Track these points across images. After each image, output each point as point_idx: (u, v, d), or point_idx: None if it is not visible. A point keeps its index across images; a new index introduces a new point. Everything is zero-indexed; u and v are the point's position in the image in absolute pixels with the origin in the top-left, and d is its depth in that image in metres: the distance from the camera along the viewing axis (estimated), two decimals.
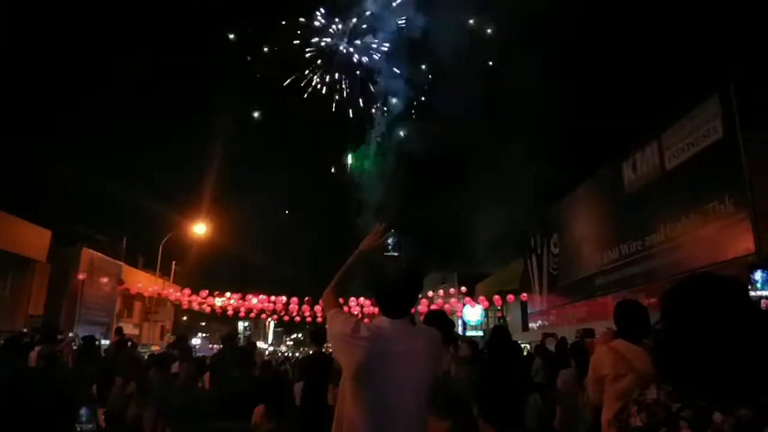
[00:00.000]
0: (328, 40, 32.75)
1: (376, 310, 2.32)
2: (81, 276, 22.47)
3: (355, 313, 22.72)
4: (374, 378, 2.04)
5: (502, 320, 23.24)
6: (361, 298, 22.98)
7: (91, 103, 28.84)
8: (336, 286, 2.43)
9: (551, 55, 23.77)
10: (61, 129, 26.68)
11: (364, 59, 33.33)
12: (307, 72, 33.14)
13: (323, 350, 6.41)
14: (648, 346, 3.21)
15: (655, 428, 1.29)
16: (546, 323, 20.48)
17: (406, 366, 2.08)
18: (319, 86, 33.61)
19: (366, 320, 2.27)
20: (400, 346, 2.10)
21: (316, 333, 6.61)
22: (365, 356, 2.05)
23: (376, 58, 33.09)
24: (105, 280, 25.15)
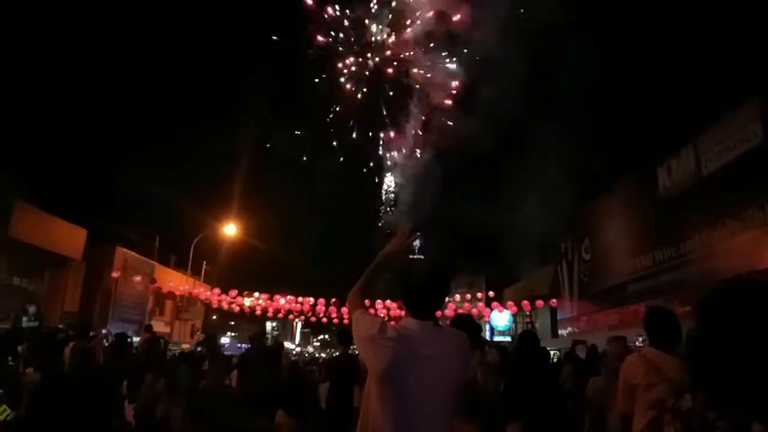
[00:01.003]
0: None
1: (403, 313, 2.30)
2: (115, 274, 22.99)
3: (382, 315, 22.73)
4: (401, 379, 2.01)
5: (529, 326, 22.96)
6: (387, 301, 22.97)
7: (127, 104, 29.54)
8: (361, 287, 2.41)
9: (582, 57, 23.40)
10: (97, 130, 27.38)
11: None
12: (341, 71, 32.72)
13: (350, 351, 6.41)
14: (680, 354, 3.12)
15: None
16: (576, 330, 20.14)
17: (434, 368, 2.05)
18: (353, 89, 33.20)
19: (393, 322, 2.25)
20: (428, 348, 2.07)
21: (343, 334, 6.60)
22: (392, 357, 2.03)
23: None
24: (138, 278, 25.70)
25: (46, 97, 22.89)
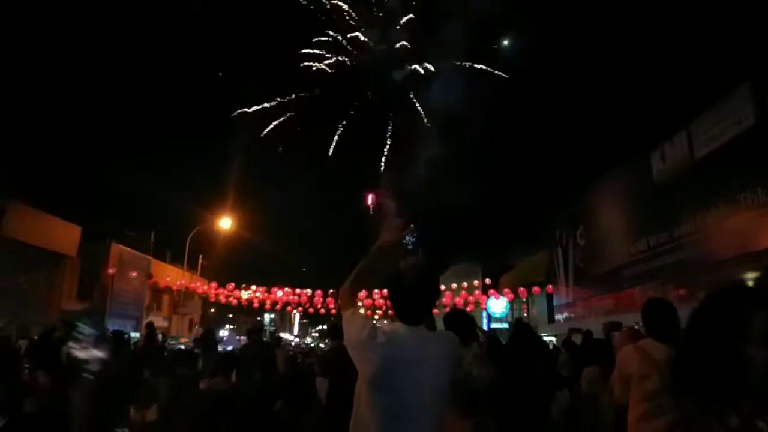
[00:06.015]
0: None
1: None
2: (111, 271, 22.95)
3: (380, 303, 22.81)
4: (390, 384, 2.03)
5: (523, 313, 23.10)
6: (386, 290, 23.00)
7: (120, 101, 29.33)
8: (353, 283, 2.38)
9: (576, 43, 23.37)
10: (90, 127, 27.23)
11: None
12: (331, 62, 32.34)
13: (343, 344, 6.38)
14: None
15: None
16: (572, 315, 20.26)
17: (422, 372, 2.06)
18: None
19: (385, 325, 2.26)
20: (416, 353, 2.08)
21: (334, 328, 6.50)
22: (381, 362, 2.05)
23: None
24: (134, 274, 25.65)
25: (39, 96, 22.73)
